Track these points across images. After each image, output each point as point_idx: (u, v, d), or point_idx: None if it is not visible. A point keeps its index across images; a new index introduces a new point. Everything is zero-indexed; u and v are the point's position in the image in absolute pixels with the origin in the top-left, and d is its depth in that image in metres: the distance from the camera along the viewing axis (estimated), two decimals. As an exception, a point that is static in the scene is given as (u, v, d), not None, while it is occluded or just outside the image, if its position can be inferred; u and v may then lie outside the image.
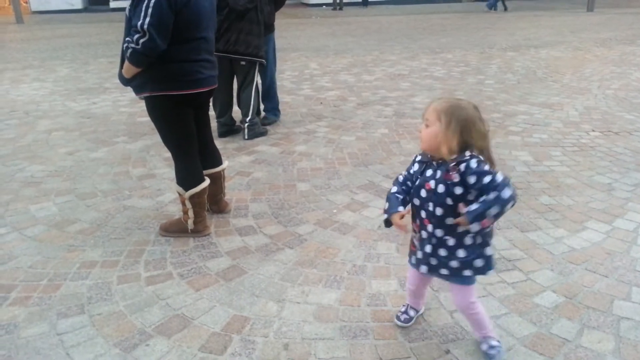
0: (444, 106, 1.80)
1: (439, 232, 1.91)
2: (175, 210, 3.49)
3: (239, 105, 5.03)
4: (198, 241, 3.10)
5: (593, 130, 5.11)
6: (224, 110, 5.00)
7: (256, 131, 5.00)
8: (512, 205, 1.76)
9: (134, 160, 4.43)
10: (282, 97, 6.17)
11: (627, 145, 4.66)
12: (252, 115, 4.94)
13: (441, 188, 1.83)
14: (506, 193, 1.71)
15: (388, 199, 1.99)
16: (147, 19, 2.64)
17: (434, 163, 1.88)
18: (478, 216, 1.74)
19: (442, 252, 1.93)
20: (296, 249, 3.01)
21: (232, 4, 4.57)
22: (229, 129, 5.08)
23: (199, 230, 3.17)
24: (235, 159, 4.44)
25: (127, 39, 2.71)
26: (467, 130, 1.77)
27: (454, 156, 1.79)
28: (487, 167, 1.76)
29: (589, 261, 2.82)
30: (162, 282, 2.69)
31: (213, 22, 3.06)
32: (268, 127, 5.29)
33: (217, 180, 3.37)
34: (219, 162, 3.39)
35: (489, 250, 1.93)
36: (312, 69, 8.59)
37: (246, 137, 4.93)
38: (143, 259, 2.90)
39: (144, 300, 2.52)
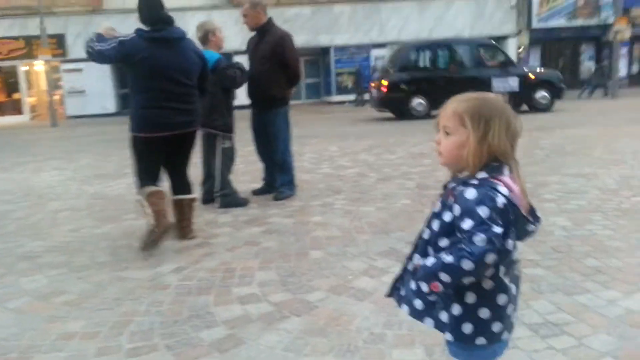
0: (468, 106, 1.36)
1: (416, 258, 1.46)
2: (173, 280, 3.16)
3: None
4: (193, 311, 2.73)
5: (634, 196, 4.69)
6: (206, 179, 5.06)
7: (229, 201, 4.88)
8: (470, 281, 1.31)
9: (139, 235, 4.16)
10: (300, 175, 5.95)
11: (676, 208, 4.23)
12: (219, 186, 4.86)
13: (438, 207, 1.43)
14: (465, 264, 1.25)
15: None
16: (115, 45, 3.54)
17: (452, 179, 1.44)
18: (429, 275, 1.32)
19: (412, 285, 1.45)
20: (304, 316, 2.61)
21: None
22: (211, 198, 5.00)
23: (164, 227, 3.62)
24: (245, 230, 4.14)
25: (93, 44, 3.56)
26: (500, 131, 1.34)
27: (474, 170, 1.35)
28: (483, 212, 1.26)
29: (654, 324, 2.35)
30: (145, 354, 2.31)
31: (178, 75, 3.67)
32: (283, 202, 5.02)
33: (183, 208, 3.91)
34: (187, 192, 3.98)
35: (484, 313, 1.38)
36: (331, 151, 8.47)
37: (218, 206, 4.87)
38: (128, 330, 2.54)
39: (120, 374, 2.13)
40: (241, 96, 5.16)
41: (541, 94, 14.04)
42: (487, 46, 14.79)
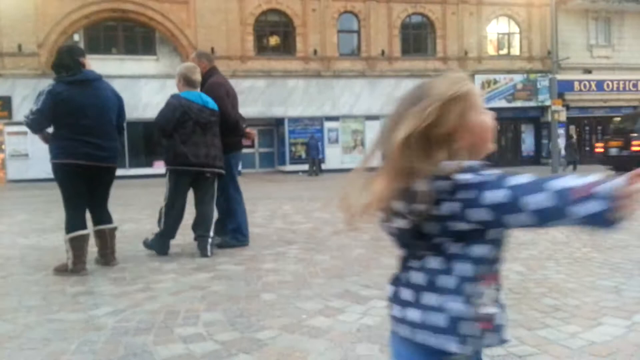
0: None
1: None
2: (109, 322, 2.88)
3: (199, 219, 4.70)
4: (129, 350, 2.47)
5: (585, 247, 4.76)
6: (175, 230, 4.74)
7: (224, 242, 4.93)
8: None
9: (74, 281, 3.85)
10: (252, 229, 5.73)
11: (625, 256, 4.30)
12: (213, 230, 4.67)
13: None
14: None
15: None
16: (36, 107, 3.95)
17: None
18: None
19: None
20: (253, 354, 2.40)
21: (196, 118, 4.48)
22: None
23: (77, 270, 3.97)
24: (191, 276, 3.90)
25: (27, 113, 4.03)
26: None
27: None
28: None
29: (616, 353, 2.30)
30: (71, 392, 2.03)
31: (96, 113, 4.03)
32: (233, 250, 4.80)
33: (105, 237, 4.19)
34: (107, 222, 4.24)
35: None
36: (285, 209, 8.33)
37: (209, 254, 4.54)
38: (54, 370, 2.26)
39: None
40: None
41: None
42: None
